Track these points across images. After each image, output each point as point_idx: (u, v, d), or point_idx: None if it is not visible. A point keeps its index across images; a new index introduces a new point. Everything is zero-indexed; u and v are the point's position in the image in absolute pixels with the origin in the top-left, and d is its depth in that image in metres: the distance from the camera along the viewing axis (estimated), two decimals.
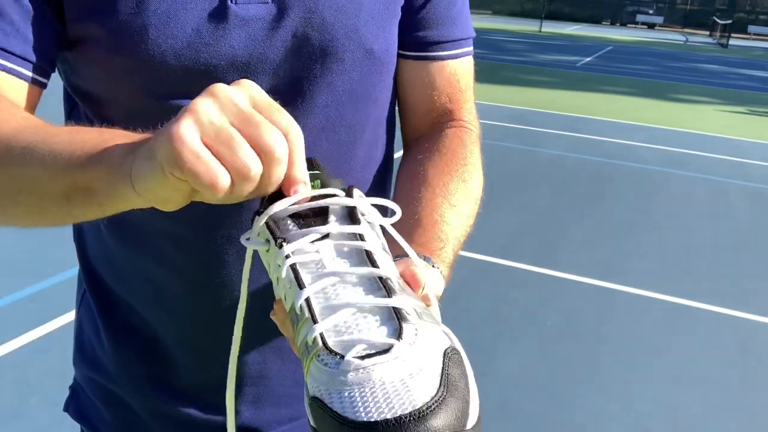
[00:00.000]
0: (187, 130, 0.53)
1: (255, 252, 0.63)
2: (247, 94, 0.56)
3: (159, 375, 0.91)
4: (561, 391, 3.03)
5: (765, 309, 4.02)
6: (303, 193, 0.58)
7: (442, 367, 0.50)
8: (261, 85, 0.78)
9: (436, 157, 0.87)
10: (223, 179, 0.53)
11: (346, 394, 0.48)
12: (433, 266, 0.71)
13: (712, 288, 4.25)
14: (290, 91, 0.81)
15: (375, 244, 0.58)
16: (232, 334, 0.89)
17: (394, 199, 0.84)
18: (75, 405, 1.01)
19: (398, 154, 0.99)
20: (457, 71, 0.93)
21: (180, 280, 0.85)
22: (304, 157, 0.59)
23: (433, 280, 0.66)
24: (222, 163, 0.53)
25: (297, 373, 0.92)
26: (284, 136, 0.56)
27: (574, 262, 4.42)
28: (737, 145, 8.68)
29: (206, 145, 0.53)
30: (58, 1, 0.76)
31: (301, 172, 0.58)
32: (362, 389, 0.48)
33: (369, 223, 0.60)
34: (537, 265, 4.31)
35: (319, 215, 0.59)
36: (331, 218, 0.58)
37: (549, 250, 4.60)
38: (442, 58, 0.91)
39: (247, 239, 0.60)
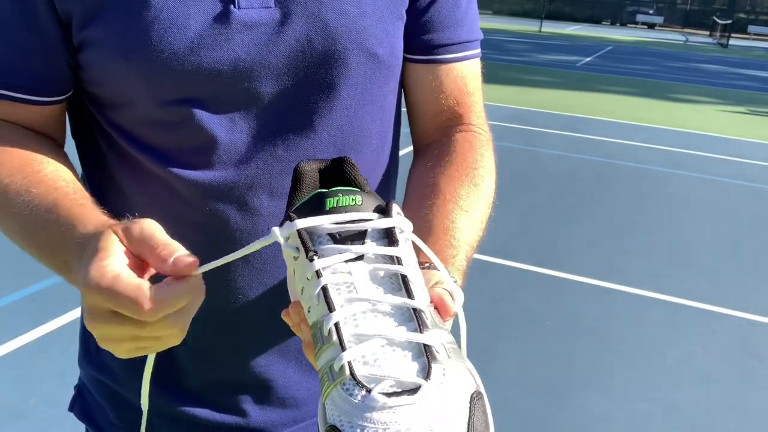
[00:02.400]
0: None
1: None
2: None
3: (165, 376, 0.91)
4: (561, 391, 3.03)
5: (765, 309, 4.02)
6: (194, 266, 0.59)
7: (469, 415, 0.49)
8: (265, 91, 0.80)
9: (446, 164, 0.86)
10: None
11: (368, 431, 0.47)
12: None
13: (712, 288, 4.25)
14: (294, 97, 0.81)
15: (412, 267, 0.56)
16: (238, 336, 0.89)
17: (404, 208, 0.83)
18: (80, 405, 1.01)
19: (403, 151, 0.99)
20: (464, 74, 0.93)
21: None
22: (159, 244, 0.58)
23: (459, 295, 0.65)
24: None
25: (301, 376, 0.92)
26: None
27: (574, 262, 4.42)
28: (737, 145, 8.68)
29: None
30: (68, 11, 0.76)
31: (168, 261, 0.58)
32: (386, 430, 0.47)
33: (406, 241, 0.58)
34: (537, 265, 4.31)
35: (357, 234, 0.57)
36: (368, 238, 0.56)
37: (549, 250, 4.60)
38: (448, 61, 0.91)
39: (284, 239, 0.58)
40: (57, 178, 0.75)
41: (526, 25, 29.50)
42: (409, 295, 0.54)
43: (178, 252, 0.58)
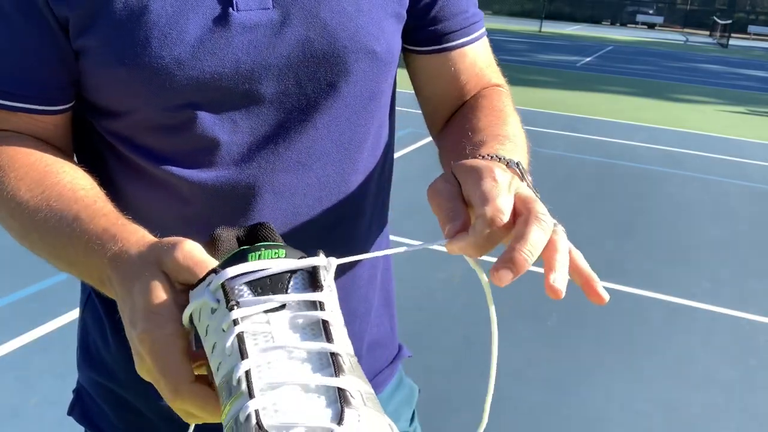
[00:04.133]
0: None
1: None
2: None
3: None
4: (561, 391, 3.03)
5: (765, 309, 4.02)
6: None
7: None
8: (266, 92, 0.81)
9: (472, 113, 0.88)
10: None
11: None
12: (499, 159, 0.69)
13: (712, 288, 4.25)
14: (295, 96, 0.81)
15: (334, 313, 0.54)
16: None
17: (444, 156, 0.86)
18: (80, 408, 1.01)
19: (400, 153, 0.99)
20: (477, 54, 0.96)
21: None
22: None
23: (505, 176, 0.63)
24: None
25: None
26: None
27: None
28: (737, 145, 8.68)
29: None
30: (65, 17, 0.76)
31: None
32: None
33: (330, 288, 0.55)
34: (537, 265, 4.29)
35: (279, 285, 0.54)
36: (291, 287, 0.54)
37: None
38: (461, 46, 0.93)
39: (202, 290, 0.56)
40: (76, 188, 0.74)
41: (526, 25, 29.49)
42: (329, 340, 0.52)
43: None
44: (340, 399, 0.48)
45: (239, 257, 0.55)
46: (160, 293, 0.58)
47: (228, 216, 0.83)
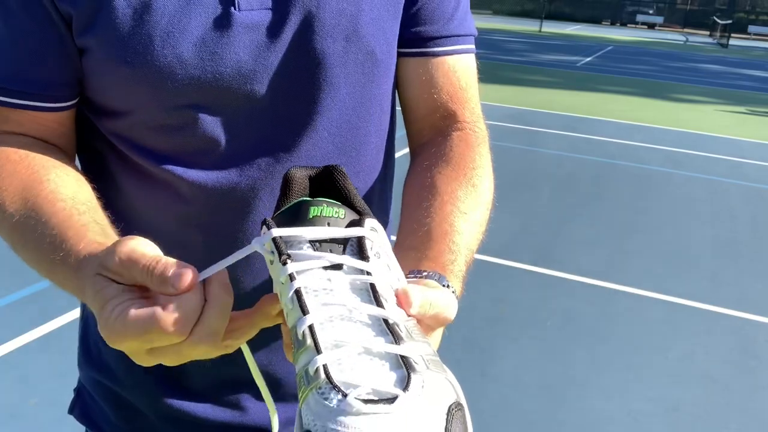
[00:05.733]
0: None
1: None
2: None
3: (167, 375, 0.91)
4: (561, 391, 3.03)
5: (765, 309, 4.02)
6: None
7: (445, 426, 0.48)
8: (266, 93, 0.81)
9: (443, 164, 0.85)
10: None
11: None
12: (447, 285, 0.68)
13: (712, 288, 4.25)
14: (295, 97, 0.81)
15: (383, 283, 0.56)
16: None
17: (402, 211, 0.82)
18: (80, 407, 1.01)
19: (400, 153, 0.99)
20: (456, 68, 0.91)
21: None
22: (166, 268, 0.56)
23: (445, 301, 0.63)
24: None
25: None
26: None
27: (574, 262, 4.42)
28: (737, 145, 8.68)
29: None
30: (68, 14, 0.76)
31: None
32: None
33: (377, 255, 0.57)
34: (537, 265, 4.31)
35: (337, 245, 0.56)
36: (348, 249, 0.56)
37: (549, 250, 4.60)
38: (438, 54, 0.90)
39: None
40: (55, 200, 0.72)
41: (526, 25, 29.49)
42: (381, 306, 0.54)
43: (171, 270, 0.56)
44: (404, 365, 0.50)
45: (301, 208, 0.57)
46: (104, 285, 0.58)
47: (228, 217, 0.83)
